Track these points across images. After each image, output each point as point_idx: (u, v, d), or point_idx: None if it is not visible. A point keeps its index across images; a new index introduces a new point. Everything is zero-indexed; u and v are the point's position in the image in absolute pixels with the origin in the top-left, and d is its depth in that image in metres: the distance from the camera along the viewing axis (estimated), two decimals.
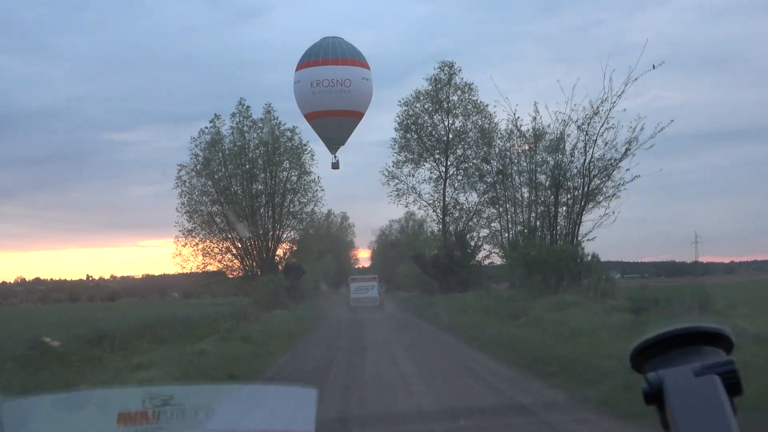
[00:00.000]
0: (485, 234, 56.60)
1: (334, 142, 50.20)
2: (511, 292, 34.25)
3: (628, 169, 37.70)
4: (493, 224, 53.59)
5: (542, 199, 41.02)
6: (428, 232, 73.70)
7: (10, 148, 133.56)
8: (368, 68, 50.53)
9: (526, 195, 49.73)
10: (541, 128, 45.58)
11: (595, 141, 37.86)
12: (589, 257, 32.86)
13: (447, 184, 57.42)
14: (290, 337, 28.99)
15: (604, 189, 38.55)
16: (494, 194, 53.53)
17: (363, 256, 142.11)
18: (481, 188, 56.14)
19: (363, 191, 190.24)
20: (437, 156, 57.64)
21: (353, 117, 49.41)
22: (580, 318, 22.74)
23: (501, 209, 52.23)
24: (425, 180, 57.73)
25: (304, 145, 59.55)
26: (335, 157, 51.12)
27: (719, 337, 2.13)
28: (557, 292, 31.83)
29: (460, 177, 57.52)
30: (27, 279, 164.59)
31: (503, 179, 52.61)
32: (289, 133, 58.54)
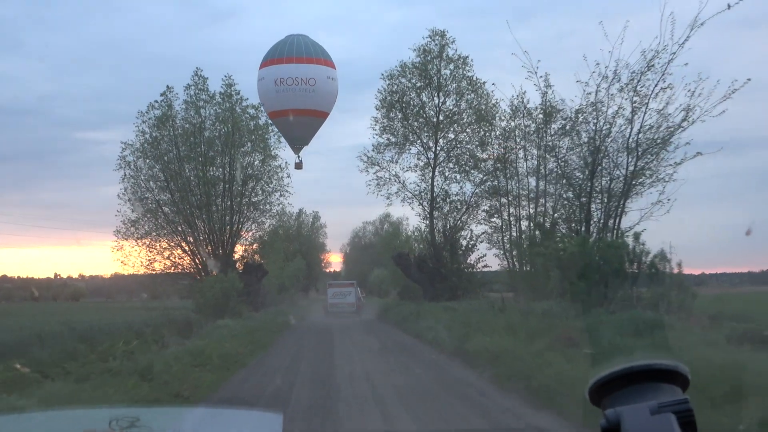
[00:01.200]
0: (481, 232, 46.77)
1: (297, 142, 48.23)
2: (544, 304, 24.19)
3: (687, 143, 28.15)
4: (493, 219, 43.80)
5: (572, 182, 31.23)
6: (410, 231, 63.94)
7: None
8: (334, 67, 48.71)
9: (534, 183, 40.33)
10: (554, 104, 36.39)
11: (647, 104, 28.13)
12: (651, 256, 22.94)
13: (436, 173, 47.58)
14: (223, 368, 19.06)
15: (654, 168, 28.85)
16: (494, 183, 43.90)
17: (335, 260, 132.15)
18: (477, 177, 46.49)
19: (336, 197, 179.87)
20: (425, 140, 47.84)
21: (317, 117, 47.68)
22: (701, 352, 12.98)
23: (503, 201, 42.61)
24: (411, 167, 47.94)
25: (270, 125, 49.62)
26: (299, 157, 48.71)
27: (676, 374, 2.24)
28: (604, 304, 22.15)
29: (451, 165, 47.73)
30: None
31: (505, 166, 43.00)
32: (252, 110, 48.58)
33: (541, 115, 38.83)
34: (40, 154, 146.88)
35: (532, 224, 37.53)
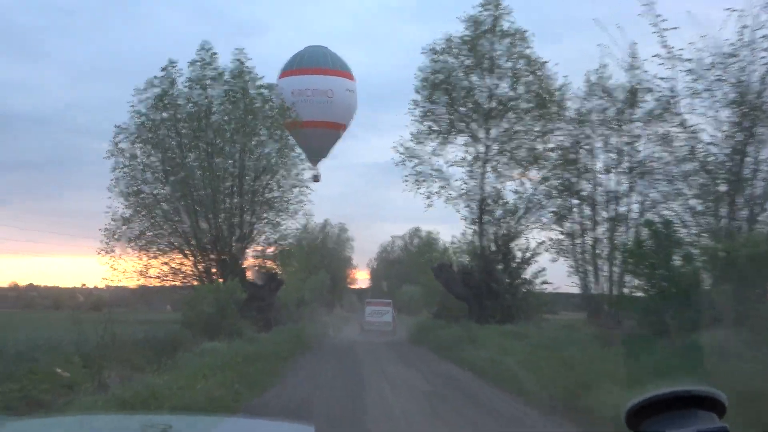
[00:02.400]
0: (539, 240, 37.87)
1: (315, 154, 46.43)
2: (708, 336, 15.09)
3: None
4: (565, 223, 34.88)
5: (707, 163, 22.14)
6: (447, 242, 54.84)
7: (5, 153, 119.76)
8: (353, 79, 47.19)
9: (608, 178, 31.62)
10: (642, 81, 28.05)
11: None
12: None
13: (486, 168, 38.73)
14: None
15: None
16: (562, 180, 35.09)
17: (362, 277, 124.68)
18: (538, 175, 37.70)
19: (359, 213, 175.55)
20: (474, 129, 38.98)
21: (335, 129, 46.36)
22: None
23: (573, 201, 33.81)
24: (456, 161, 39.06)
25: (288, 108, 41.05)
26: (316, 169, 46.84)
27: (714, 401, 2.27)
28: None
29: (504, 160, 38.82)
30: (20, 285, 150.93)
31: (576, 159, 34.22)
32: (265, 91, 39.99)
33: (624, 95, 30.37)
34: (67, 162, 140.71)
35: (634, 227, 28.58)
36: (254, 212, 40.32)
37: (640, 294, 21.66)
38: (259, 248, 41.21)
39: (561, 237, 35.62)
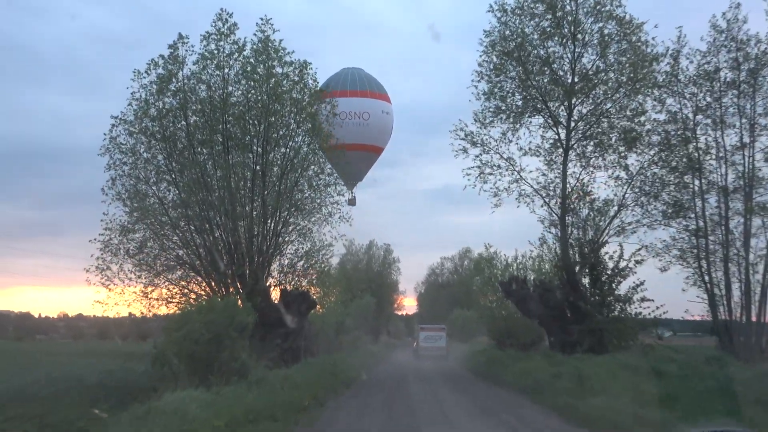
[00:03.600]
0: (637, 246, 29.11)
1: (351, 178, 42.90)
2: None
3: None
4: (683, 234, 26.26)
5: None
6: (514, 256, 45.82)
7: (67, 184, 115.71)
8: (389, 101, 44.84)
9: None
10: None
11: None
12: None
13: (570, 157, 30.08)
14: None
15: None
16: (680, 161, 26.48)
17: (409, 303, 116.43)
18: (635, 163, 29.07)
19: (411, 241, 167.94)
20: (553, 109, 30.33)
21: (371, 152, 43.90)
22: None
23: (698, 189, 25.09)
24: (530, 149, 30.42)
25: (321, 90, 32.67)
26: (352, 193, 43.69)
27: None
28: None
29: (591, 146, 30.13)
30: (69, 315, 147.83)
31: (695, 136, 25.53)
32: (294, 68, 31.74)
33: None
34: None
35: None
36: (280, 217, 31.91)
37: None
38: (287, 262, 32.75)
39: (669, 238, 26.70)
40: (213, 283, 31.24)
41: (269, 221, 31.49)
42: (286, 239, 32.18)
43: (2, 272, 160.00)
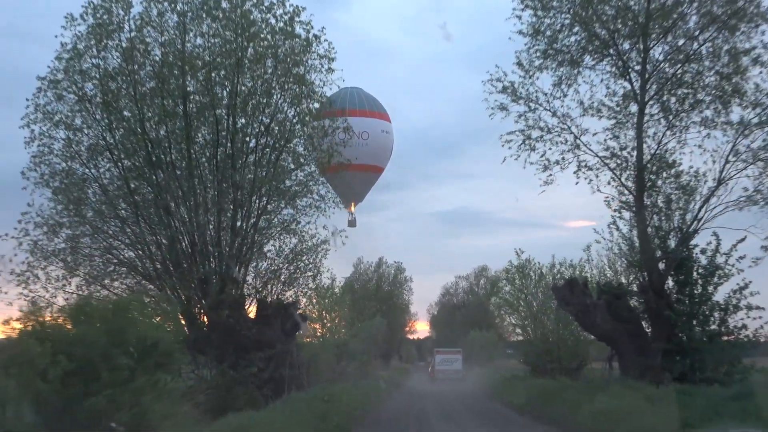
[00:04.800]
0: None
1: (350, 198, 39.76)
2: None
3: None
4: None
5: None
6: (556, 264, 37.20)
7: None
8: (389, 121, 42.22)
9: None
10: None
11: None
12: None
13: (646, 115, 21.62)
14: None
15: None
16: None
17: (421, 328, 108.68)
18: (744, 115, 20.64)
19: (421, 264, 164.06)
20: (622, 51, 21.97)
21: (371, 172, 40.80)
22: None
23: None
24: (592, 106, 22.01)
25: (317, 36, 24.08)
26: (352, 214, 40.76)
27: None
28: None
29: (673, 102, 21.77)
30: None
31: None
32: (282, 13, 23.44)
33: None
34: None
35: None
36: (258, 207, 23.53)
37: None
38: (265, 265, 24.37)
39: None
40: (169, 292, 22.97)
41: (243, 208, 23.14)
42: (265, 233, 23.76)
43: None
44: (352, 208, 41.66)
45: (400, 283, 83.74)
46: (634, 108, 21.69)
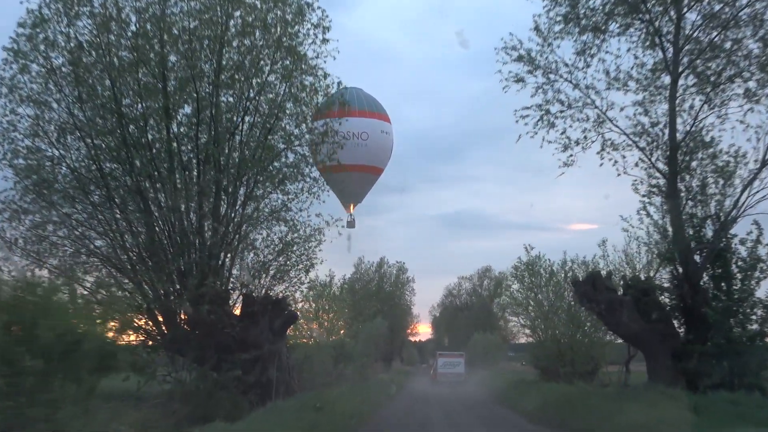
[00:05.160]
0: None
1: (349, 199, 39.46)
2: None
3: None
4: None
5: None
6: (568, 261, 34.62)
7: None
8: (388, 121, 40.88)
9: None
10: None
11: None
12: None
13: (680, 88, 19.04)
14: None
15: None
16: None
17: (423, 330, 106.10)
18: None
19: (423, 267, 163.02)
20: (653, 15, 19.38)
21: (370, 173, 39.83)
22: None
23: None
24: (618, 77, 19.43)
25: (308, 4, 21.50)
26: (351, 215, 39.39)
27: None
28: None
29: (710, 70, 19.17)
30: None
31: None
32: None
33: None
34: None
35: None
36: (245, 191, 21.03)
37: None
38: (251, 256, 21.84)
39: None
40: (145, 285, 20.45)
41: (227, 192, 20.60)
42: (251, 220, 21.19)
43: None
44: (351, 209, 40.34)
45: (402, 283, 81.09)
46: (666, 80, 19.17)
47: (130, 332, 20.98)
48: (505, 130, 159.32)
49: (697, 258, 19.11)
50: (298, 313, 24.47)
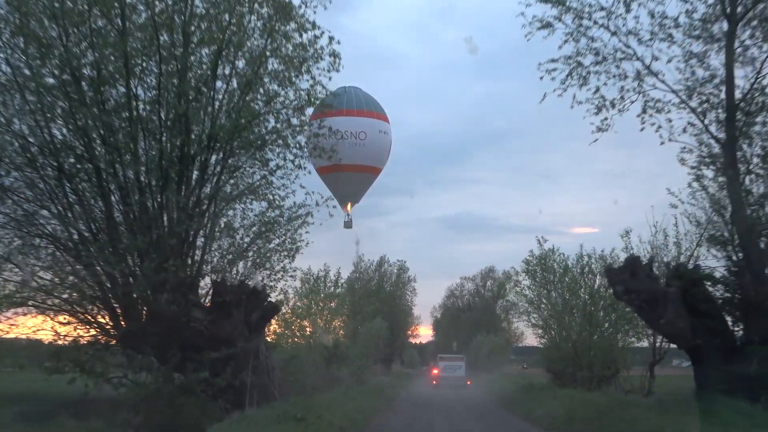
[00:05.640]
0: None
1: (346, 199, 39.27)
2: None
3: None
4: None
5: None
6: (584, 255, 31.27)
7: None
8: (387, 121, 40.93)
9: None
10: None
11: None
12: None
13: (740, 36, 15.64)
14: None
15: None
16: None
17: (424, 332, 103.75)
18: None
19: (424, 269, 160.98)
20: None
21: (368, 172, 39.93)
22: None
23: None
24: (663, 26, 15.96)
25: None
26: (348, 215, 39.79)
27: None
28: None
29: None
30: None
31: None
32: None
33: None
34: None
35: None
36: (216, 154, 17.63)
37: None
38: (225, 242, 18.50)
39: None
40: (99, 269, 17.01)
41: (196, 159, 17.22)
42: (223, 194, 17.81)
43: None
44: (348, 209, 39.96)
45: (403, 283, 77.96)
46: (723, 26, 15.81)
47: (79, 326, 17.83)
48: (508, 133, 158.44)
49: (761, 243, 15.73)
50: (281, 305, 21.06)
